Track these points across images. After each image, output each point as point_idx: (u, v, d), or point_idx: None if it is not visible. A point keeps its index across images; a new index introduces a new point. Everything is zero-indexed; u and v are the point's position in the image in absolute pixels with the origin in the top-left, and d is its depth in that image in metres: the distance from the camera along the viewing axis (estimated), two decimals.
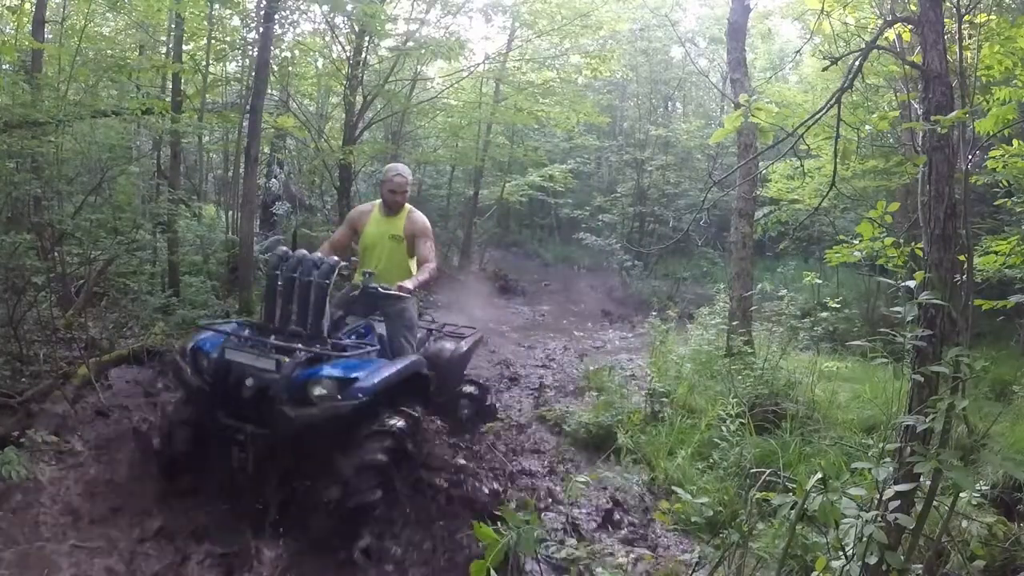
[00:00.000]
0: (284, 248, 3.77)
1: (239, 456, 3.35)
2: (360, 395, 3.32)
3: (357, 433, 3.36)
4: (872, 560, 1.96)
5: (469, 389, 5.12)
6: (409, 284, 3.99)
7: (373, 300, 4.05)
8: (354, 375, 3.39)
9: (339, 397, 3.30)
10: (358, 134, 11.60)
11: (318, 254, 3.80)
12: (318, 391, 3.29)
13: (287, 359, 3.33)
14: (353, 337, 3.99)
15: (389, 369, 3.59)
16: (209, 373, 3.47)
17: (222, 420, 3.35)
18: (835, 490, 2.05)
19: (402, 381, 3.64)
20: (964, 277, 2.61)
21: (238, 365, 3.37)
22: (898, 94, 7.08)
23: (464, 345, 4.89)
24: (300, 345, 3.41)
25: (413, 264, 4.40)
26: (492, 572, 1.80)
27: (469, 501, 3.62)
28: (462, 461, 4.07)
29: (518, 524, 1.97)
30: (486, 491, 3.77)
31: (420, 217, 4.41)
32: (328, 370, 3.37)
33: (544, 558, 3.29)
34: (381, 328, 4.31)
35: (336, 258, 3.67)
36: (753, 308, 6.83)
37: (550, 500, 4.20)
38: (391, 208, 4.32)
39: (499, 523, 2.06)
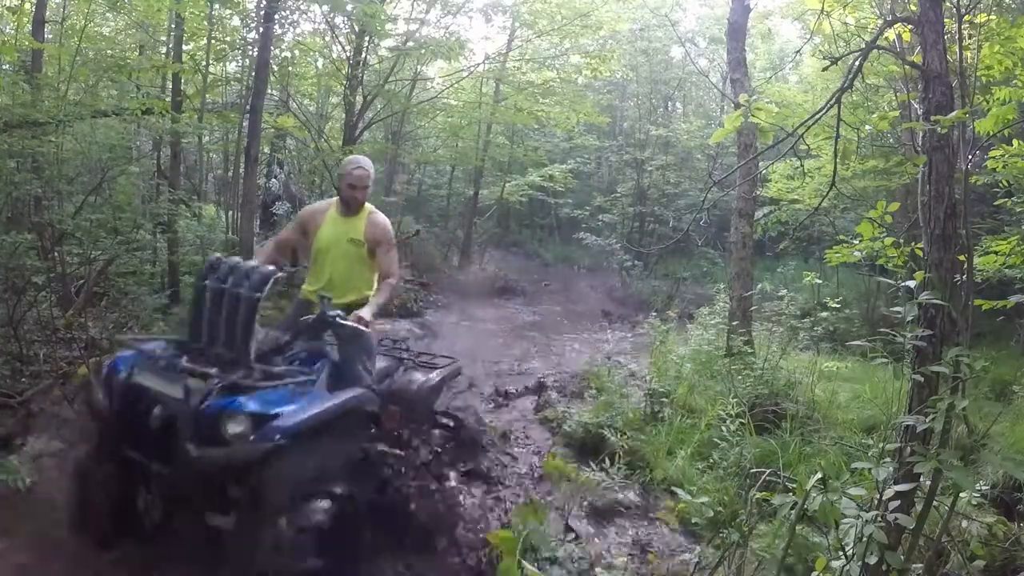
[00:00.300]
0: (216, 255, 3.26)
1: (146, 497, 2.91)
2: (277, 436, 2.73)
3: (282, 483, 2.81)
4: (872, 560, 1.96)
5: (443, 422, 4.62)
6: (367, 313, 3.47)
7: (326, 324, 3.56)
8: (275, 411, 2.81)
9: (252, 437, 2.72)
10: (358, 134, 11.61)
11: (253, 261, 3.26)
12: (231, 427, 2.72)
13: (197, 386, 2.78)
14: (297, 363, 3.39)
15: (321, 404, 3.01)
16: (117, 398, 2.94)
17: (128, 454, 2.83)
18: (835, 490, 2.05)
19: (341, 419, 3.11)
20: (964, 277, 2.61)
21: (146, 391, 2.85)
22: (898, 94, 7.08)
23: (435, 376, 4.39)
24: (216, 370, 2.84)
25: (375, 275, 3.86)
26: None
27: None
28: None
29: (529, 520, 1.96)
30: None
31: (383, 220, 3.82)
32: (245, 403, 2.78)
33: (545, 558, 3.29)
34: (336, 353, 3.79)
35: (272, 267, 3.11)
36: (753, 308, 6.84)
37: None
38: (350, 207, 3.76)
39: None
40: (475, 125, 14.50)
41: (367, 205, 3.81)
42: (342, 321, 3.38)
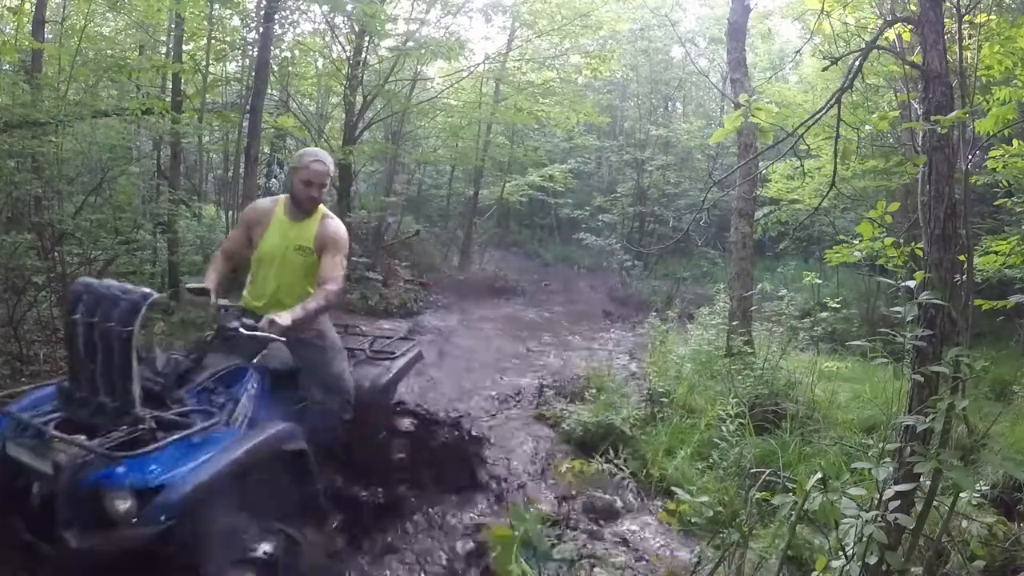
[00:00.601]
0: (84, 279, 2.61)
1: None
2: (162, 517, 2.17)
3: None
4: (872, 560, 1.96)
5: (405, 424, 3.96)
6: (284, 317, 2.84)
7: (249, 341, 2.97)
8: (162, 479, 2.22)
9: (136, 520, 2.20)
10: (358, 134, 11.61)
11: (126, 285, 2.57)
12: (113, 507, 2.20)
13: (66, 458, 2.25)
14: (209, 391, 2.80)
15: (227, 455, 2.39)
16: None
17: (23, 536, 2.34)
18: (835, 490, 2.06)
19: (252, 470, 2.50)
20: (964, 277, 2.61)
21: (21, 465, 2.36)
22: (898, 94, 7.09)
23: (391, 370, 3.76)
24: (83, 438, 2.27)
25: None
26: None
27: None
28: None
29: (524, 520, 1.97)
30: None
31: (336, 224, 3.28)
32: (125, 474, 2.22)
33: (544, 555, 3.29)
34: (281, 367, 3.23)
35: (146, 290, 2.50)
36: (753, 308, 6.84)
37: None
38: (302, 207, 3.20)
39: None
40: (475, 125, 14.50)
41: (321, 207, 3.29)
42: (249, 332, 2.85)
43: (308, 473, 2.80)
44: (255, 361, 3.07)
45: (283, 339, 3.00)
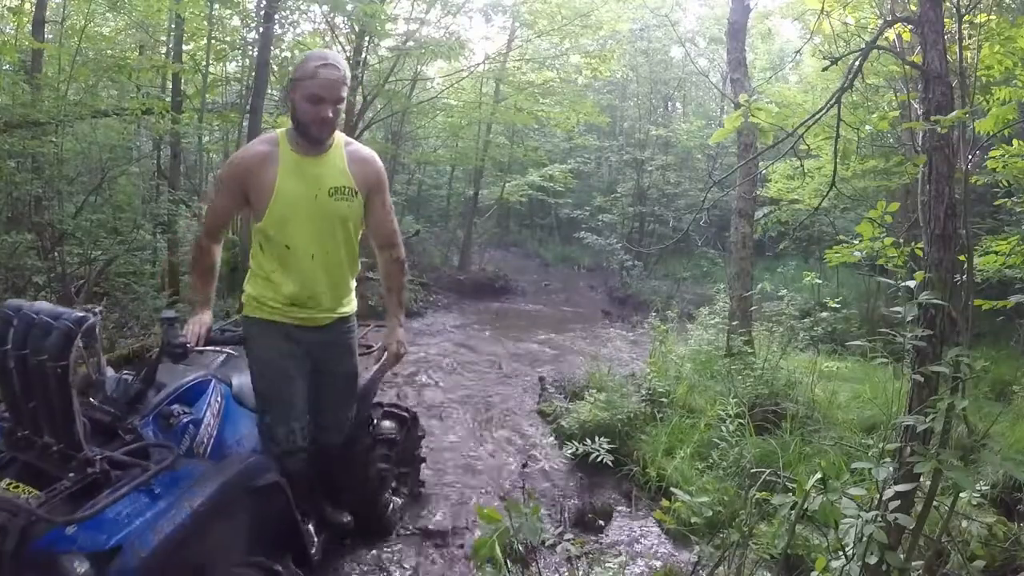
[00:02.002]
0: (16, 301, 2.20)
1: None
2: None
3: None
4: (872, 560, 1.96)
5: (387, 426, 3.53)
6: (400, 332, 2.44)
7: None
8: (117, 539, 1.94)
9: None
10: (358, 134, 11.60)
11: (59, 308, 2.15)
12: (73, 571, 1.92)
13: (10, 522, 1.92)
14: (164, 422, 2.42)
15: (185, 507, 2.08)
16: None
17: None
18: (835, 490, 2.05)
19: (222, 512, 2.21)
20: (964, 277, 2.61)
21: None
22: (898, 94, 7.08)
23: (370, 369, 3.29)
24: (27, 497, 1.98)
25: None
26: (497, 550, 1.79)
27: None
28: None
29: (521, 513, 1.96)
30: None
31: (370, 152, 2.47)
32: (75, 536, 1.94)
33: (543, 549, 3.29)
34: (244, 376, 2.76)
35: (79, 314, 2.11)
36: (753, 308, 6.83)
37: None
38: (313, 137, 2.28)
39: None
40: (475, 125, 14.51)
41: (339, 134, 2.40)
42: (200, 348, 2.44)
43: (284, 504, 2.55)
44: (216, 372, 2.77)
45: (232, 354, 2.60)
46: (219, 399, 2.68)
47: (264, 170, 2.29)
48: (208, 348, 2.62)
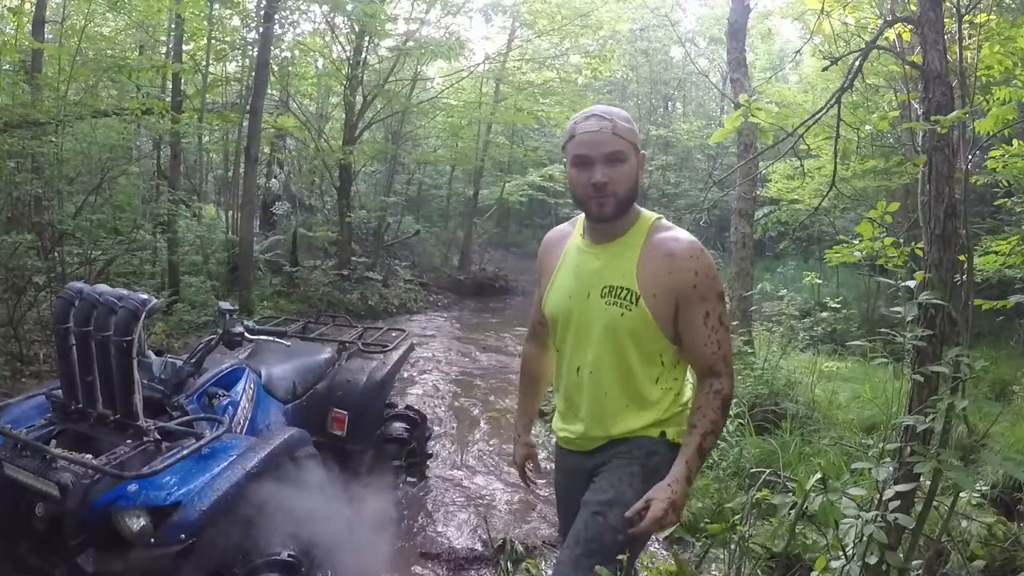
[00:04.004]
0: (78, 285, 2.39)
1: None
2: (182, 535, 2.05)
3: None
4: (872, 560, 1.96)
5: (398, 427, 3.71)
6: (677, 488, 1.61)
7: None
8: (177, 496, 2.09)
9: (153, 540, 2.05)
10: (358, 134, 11.63)
11: (121, 291, 2.37)
12: (128, 527, 2.07)
13: (74, 478, 2.07)
14: (207, 401, 2.66)
15: (237, 470, 2.24)
16: None
17: (30, 562, 2.19)
18: (835, 490, 2.05)
19: (270, 475, 2.36)
20: (964, 277, 2.61)
21: (21, 486, 2.15)
22: (898, 94, 7.08)
23: (386, 365, 3.54)
24: (90, 457, 2.12)
25: (675, 370, 1.79)
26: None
27: None
28: None
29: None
30: None
31: (675, 247, 1.71)
32: (138, 491, 2.09)
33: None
34: (272, 368, 3.10)
35: (143, 296, 2.35)
36: (753, 308, 6.84)
37: None
38: (596, 214, 1.76)
39: None
40: (475, 125, 14.52)
41: (644, 213, 1.81)
42: (254, 337, 2.81)
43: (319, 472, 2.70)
44: (247, 361, 2.99)
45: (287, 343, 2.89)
46: (252, 386, 2.88)
47: (552, 254, 1.93)
48: (262, 338, 2.86)
